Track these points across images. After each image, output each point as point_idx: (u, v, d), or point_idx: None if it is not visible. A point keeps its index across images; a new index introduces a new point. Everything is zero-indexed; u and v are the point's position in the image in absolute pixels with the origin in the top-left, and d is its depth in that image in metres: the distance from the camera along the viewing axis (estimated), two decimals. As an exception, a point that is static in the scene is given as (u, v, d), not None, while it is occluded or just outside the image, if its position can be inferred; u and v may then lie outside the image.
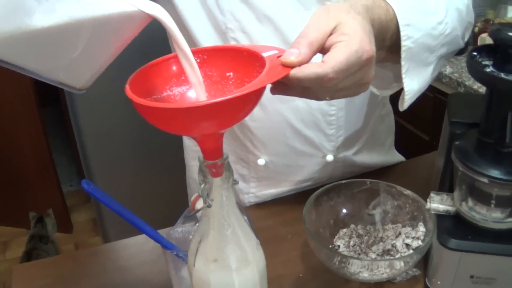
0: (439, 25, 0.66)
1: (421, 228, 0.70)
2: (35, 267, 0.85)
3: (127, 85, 0.45)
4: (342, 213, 0.75)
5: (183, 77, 0.51)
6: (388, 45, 0.63)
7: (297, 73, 0.48)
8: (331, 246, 0.73)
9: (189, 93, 0.51)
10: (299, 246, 0.81)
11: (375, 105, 0.93)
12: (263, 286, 0.54)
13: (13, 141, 2.32)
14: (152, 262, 0.81)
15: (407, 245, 0.69)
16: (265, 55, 0.49)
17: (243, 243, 0.51)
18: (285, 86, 0.51)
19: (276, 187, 0.94)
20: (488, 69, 0.60)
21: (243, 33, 0.78)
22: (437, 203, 0.69)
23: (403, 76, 0.65)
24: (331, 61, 0.48)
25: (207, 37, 0.80)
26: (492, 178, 0.61)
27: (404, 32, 0.62)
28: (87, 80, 0.47)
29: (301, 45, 0.49)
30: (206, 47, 0.53)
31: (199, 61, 0.49)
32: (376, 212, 0.75)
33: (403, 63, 0.64)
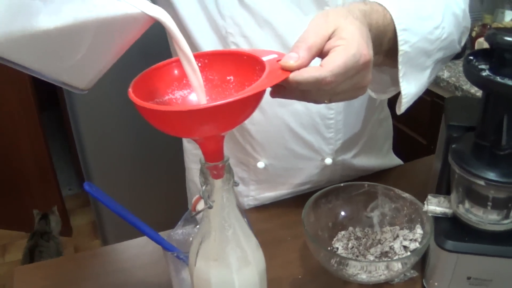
0: (436, 30, 0.67)
1: (419, 230, 0.70)
2: (36, 269, 0.85)
3: (130, 89, 0.45)
4: (341, 215, 0.75)
5: (184, 81, 0.51)
6: (386, 49, 0.64)
7: (296, 76, 0.49)
8: (329, 248, 0.73)
9: (190, 97, 0.51)
10: (298, 248, 0.81)
11: (373, 109, 0.93)
12: (262, 286, 0.55)
13: (13, 144, 2.32)
14: (152, 264, 0.81)
15: (405, 247, 0.70)
16: (265, 59, 0.49)
17: (243, 244, 0.51)
18: (285, 89, 0.52)
19: (275, 190, 0.95)
20: (484, 73, 0.60)
21: (243, 37, 0.78)
22: (434, 206, 0.70)
23: (400, 80, 0.65)
24: (329, 65, 0.49)
25: (207, 41, 0.81)
26: (488, 180, 0.61)
27: (401, 36, 0.62)
28: (90, 81, 0.48)
29: (300, 49, 0.50)
30: (207, 51, 0.53)
31: (200, 65, 0.50)
32: (374, 214, 0.75)
33: (400, 67, 0.64)
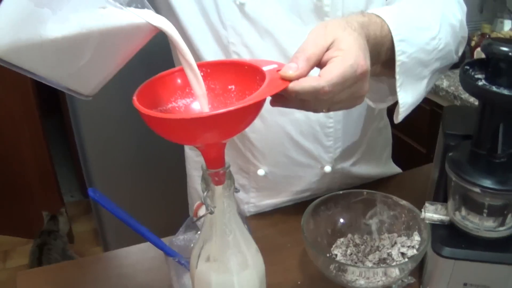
0: (433, 41, 0.68)
1: (416, 237, 0.71)
2: (39, 274, 0.85)
3: (134, 97, 0.47)
4: (340, 222, 0.76)
5: (187, 90, 0.53)
6: (383, 60, 0.65)
7: (295, 86, 0.50)
8: (328, 254, 0.73)
9: (193, 105, 0.53)
10: (297, 254, 0.82)
11: (372, 118, 0.94)
12: (262, 291, 0.56)
13: (15, 151, 2.32)
14: (154, 269, 0.81)
15: (403, 254, 0.71)
16: (265, 69, 0.51)
17: (243, 248, 0.52)
18: (284, 98, 0.53)
19: (275, 197, 0.95)
20: (481, 83, 0.61)
21: (244, 47, 0.79)
22: (432, 213, 0.71)
23: (397, 89, 0.66)
24: (327, 75, 0.51)
25: (209, 50, 0.82)
26: (484, 188, 0.62)
27: (398, 47, 0.63)
28: (94, 87, 0.49)
29: (299, 60, 0.52)
30: (209, 61, 0.55)
31: (202, 74, 0.51)
32: (372, 222, 0.76)
33: (398, 77, 0.65)
